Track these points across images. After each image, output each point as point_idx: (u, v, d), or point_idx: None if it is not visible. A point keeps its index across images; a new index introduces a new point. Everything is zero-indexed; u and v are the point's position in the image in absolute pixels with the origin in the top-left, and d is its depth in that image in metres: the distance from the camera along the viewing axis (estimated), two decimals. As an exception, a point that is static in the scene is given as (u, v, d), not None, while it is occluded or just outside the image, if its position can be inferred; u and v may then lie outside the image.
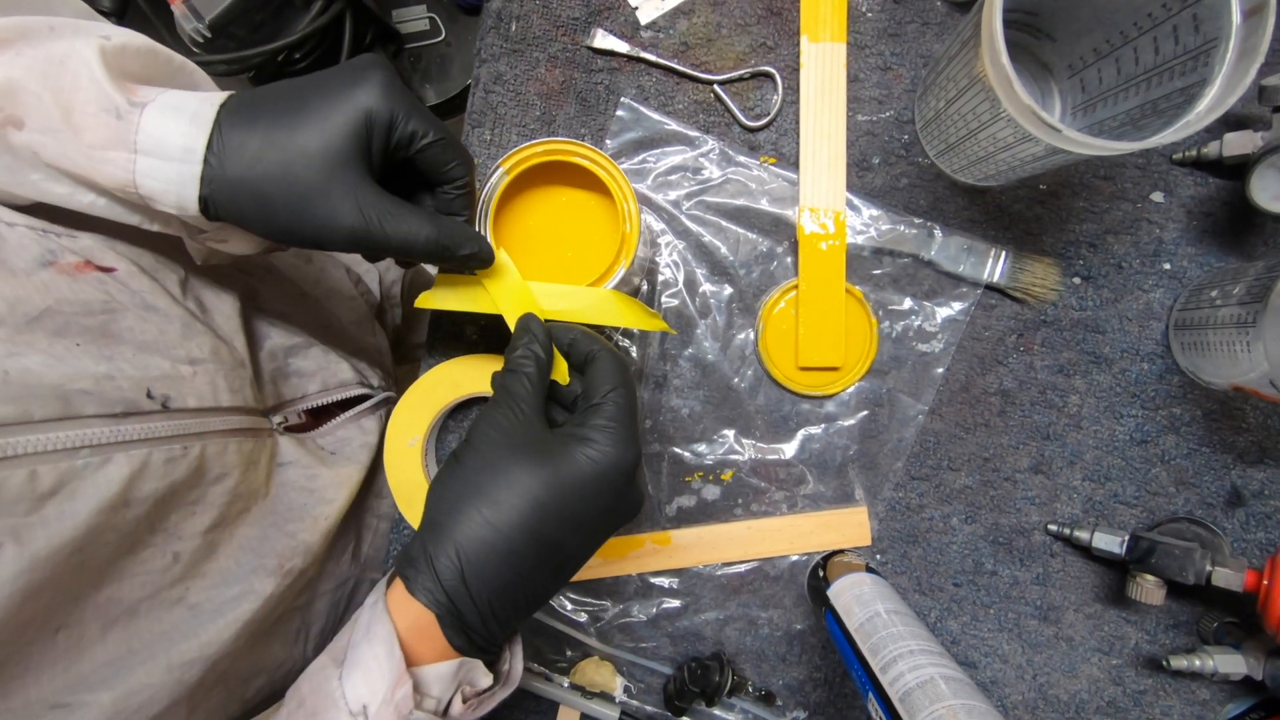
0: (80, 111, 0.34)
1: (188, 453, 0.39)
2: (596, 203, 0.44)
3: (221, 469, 0.42)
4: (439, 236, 0.38)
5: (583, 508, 0.36)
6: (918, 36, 0.52)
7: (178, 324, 0.42)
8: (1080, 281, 0.52)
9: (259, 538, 0.45)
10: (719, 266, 0.53)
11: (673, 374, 0.54)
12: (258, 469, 0.46)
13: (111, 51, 0.36)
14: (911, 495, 0.54)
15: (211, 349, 0.44)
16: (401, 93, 0.37)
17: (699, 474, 0.54)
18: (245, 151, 0.36)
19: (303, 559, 0.47)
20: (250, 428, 0.46)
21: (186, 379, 0.41)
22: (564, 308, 0.42)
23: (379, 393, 0.61)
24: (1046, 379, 0.53)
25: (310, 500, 0.50)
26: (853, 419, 0.54)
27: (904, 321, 0.53)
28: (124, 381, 0.37)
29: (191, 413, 0.41)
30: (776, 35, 0.52)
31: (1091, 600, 0.53)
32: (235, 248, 0.42)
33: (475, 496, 0.35)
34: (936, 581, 0.54)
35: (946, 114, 0.46)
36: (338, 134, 0.36)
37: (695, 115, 0.53)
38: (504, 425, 0.36)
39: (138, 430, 0.37)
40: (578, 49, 0.53)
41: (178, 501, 0.39)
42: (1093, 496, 0.53)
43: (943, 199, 0.53)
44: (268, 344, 0.52)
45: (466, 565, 0.34)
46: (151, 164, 0.35)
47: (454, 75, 1.18)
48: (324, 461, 0.53)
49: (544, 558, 0.35)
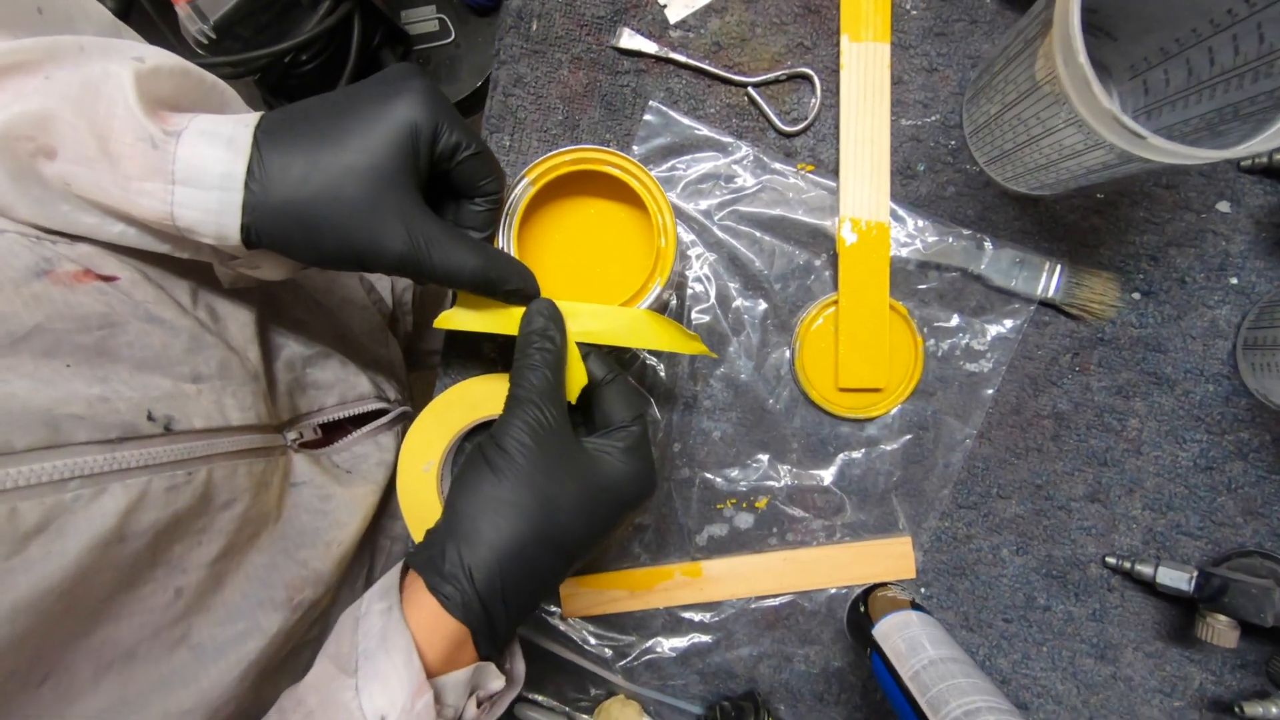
0: (117, 141, 0.33)
1: (193, 478, 0.36)
2: (628, 215, 0.41)
3: (230, 493, 0.39)
4: (486, 269, 0.36)
5: (606, 523, 0.37)
6: (965, 36, 0.49)
7: (184, 337, 0.39)
8: (1140, 297, 0.49)
9: (268, 566, 0.42)
10: (753, 280, 0.50)
11: (703, 394, 0.51)
12: (269, 491, 0.43)
13: (146, 75, 0.34)
14: (958, 525, 0.51)
15: (220, 363, 0.41)
16: (443, 102, 0.36)
17: (731, 501, 0.51)
18: (289, 174, 0.34)
19: (314, 590, 0.44)
20: (262, 447, 0.43)
21: (192, 398, 0.38)
22: (594, 329, 0.38)
23: (395, 407, 0.59)
24: (1104, 401, 0.49)
25: (323, 524, 0.47)
26: (896, 443, 0.50)
27: (951, 340, 0.50)
28: (121, 403, 0.34)
29: (197, 434, 0.38)
30: (815, 34, 0.49)
31: (1152, 638, 0.50)
32: (267, 273, 0.40)
33: (513, 511, 0.34)
34: (985, 617, 0.51)
35: (1003, 118, 0.43)
36: (384, 149, 0.34)
37: (728, 120, 0.50)
38: (538, 431, 0.36)
39: (136, 456, 0.34)
40: (603, 49, 0.50)
41: (182, 532, 0.36)
42: (1153, 527, 0.49)
43: (992, 208, 0.49)
44: (284, 353, 0.49)
45: (505, 579, 0.34)
46: (190, 194, 0.33)
47: (463, 77, 1.16)
48: (339, 481, 0.50)
49: (567, 566, 0.37)
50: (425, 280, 0.37)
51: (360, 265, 0.36)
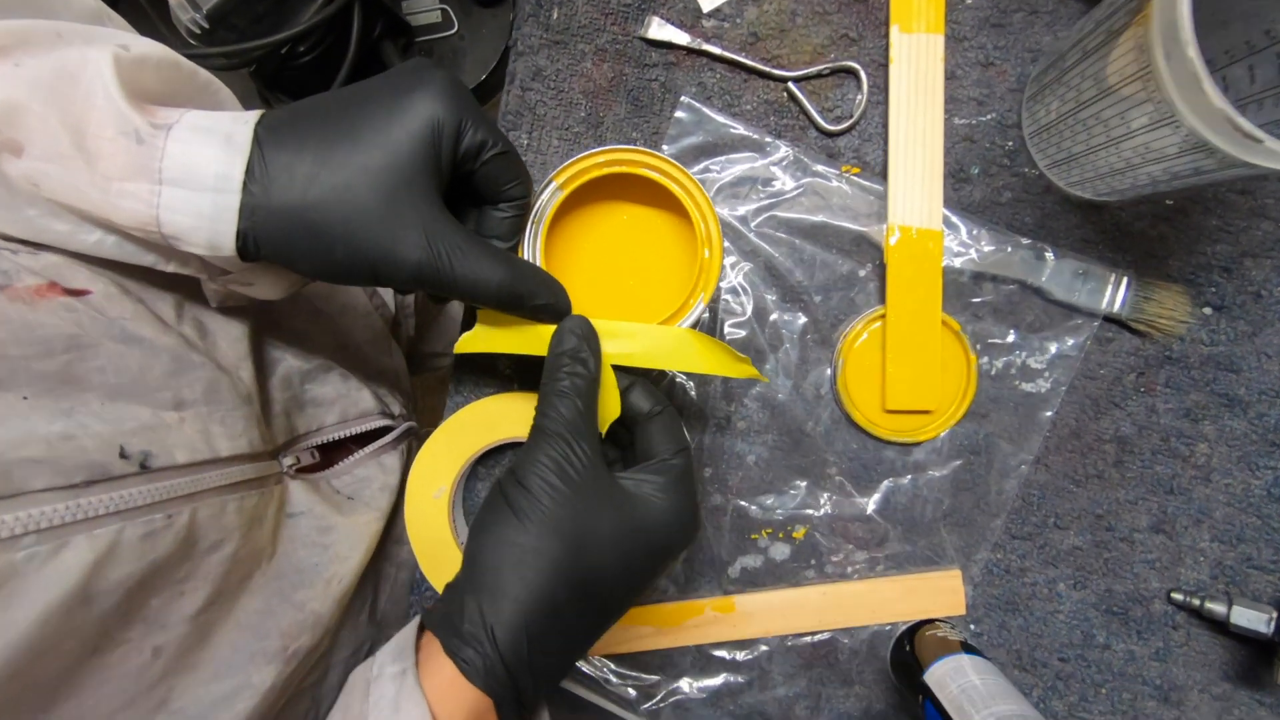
0: (95, 135, 0.29)
1: (173, 522, 0.32)
2: (667, 223, 0.37)
3: (218, 534, 0.35)
4: (513, 283, 0.33)
5: (647, 571, 0.33)
6: (1025, 27, 0.45)
7: (165, 358, 0.35)
8: (1212, 312, 0.45)
9: (261, 612, 0.38)
10: (792, 292, 0.46)
11: (737, 415, 0.47)
12: (263, 526, 0.39)
13: (129, 64, 0.30)
14: (1012, 557, 0.47)
15: (208, 386, 0.36)
16: (467, 97, 0.32)
17: (766, 530, 0.47)
18: (295, 174, 0.30)
19: (311, 635, 0.40)
20: (255, 478, 0.39)
21: (174, 428, 0.34)
22: (631, 350, 0.35)
23: (400, 423, 0.54)
24: (1170, 424, 0.46)
25: (323, 559, 0.43)
26: (945, 469, 0.46)
27: (1006, 358, 0.46)
28: (88, 440, 0.30)
29: (179, 470, 0.33)
30: (861, 25, 0.45)
31: (1219, 679, 0.46)
32: (262, 291, 0.36)
33: (540, 560, 0.30)
34: (1040, 656, 0.47)
35: (1075, 118, 0.39)
36: (402, 147, 0.30)
37: (765, 117, 0.46)
38: (566, 470, 0.32)
39: (106, 502, 0.29)
40: (629, 40, 0.46)
41: (161, 583, 0.32)
42: (1223, 560, 0.46)
43: (1051, 216, 0.45)
44: (281, 369, 0.45)
45: (532, 641, 0.30)
46: (179, 196, 0.29)
47: (467, 70, 1.11)
48: (339, 509, 0.45)
49: (603, 622, 0.33)
50: (445, 294, 0.33)
51: (373, 278, 0.32)
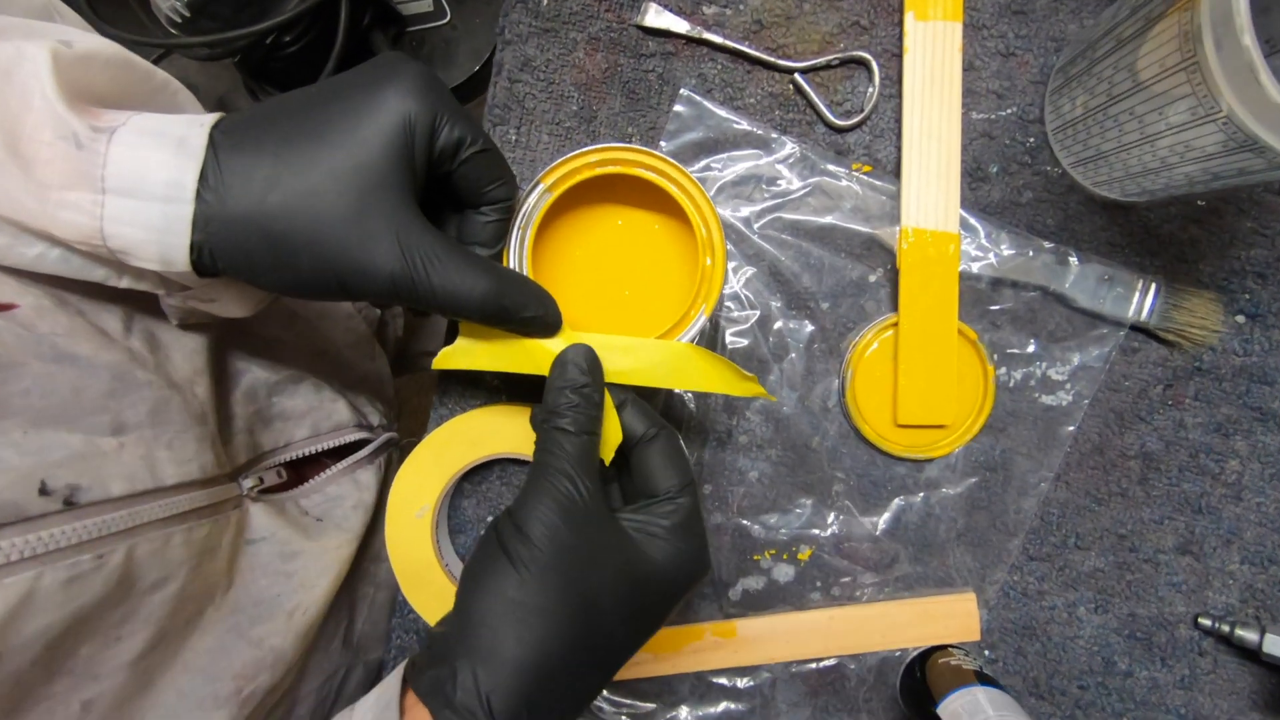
0: (30, 139, 0.26)
1: (105, 562, 0.29)
2: (665, 227, 0.34)
3: (161, 571, 0.32)
4: (498, 294, 0.30)
5: (654, 621, 0.31)
6: (1048, 15, 0.42)
7: (104, 376, 0.32)
8: (1245, 320, 0.43)
9: (213, 651, 0.35)
10: (798, 298, 0.43)
11: (739, 429, 0.44)
12: (216, 557, 0.36)
13: (71, 61, 0.27)
14: (1029, 579, 0.44)
15: (155, 406, 0.33)
16: (442, 90, 0.29)
17: (770, 551, 0.44)
18: (254, 179, 0.27)
19: (270, 674, 0.37)
20: (208, 505, 0.36)
21: (110, 455, 0.31)
22: (627, 367, 0.32)
23: (379, 434, 0.51)
24: (1200, 439, 0.43)
25: (285, 589, 0.40)
26: (959, 486, 0.44)
27: (1025, 369, 0.43)
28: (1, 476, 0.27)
29: (114, 504, 0.30)
30: (873, 12, 0.42)
31: (1248, 709, 0.44)
32: (226, 308, 0.33)
33: (543, 619, 0.28)
34: (1058, 683, 0.44)
35: (1106, 113, 0.36)
36: (372, 146, 0.28)
37: (770, 111, 0.43)
38: (567, 514, 0.29)
39: (19, 546, 0.26)
40: (625, 28, 0.43)
41: (90, 630, 0.29)
42: (1253, 583, 0.43)
43: (1075, 217, 0.43)
44: (246, 381, 0.42)
45: (532, 709, 0.27)
46: (125, 206, 0.27)
47: (460, 61, 1.08)
48: (306, 533, 0.42)
49: (605, 679, 0.31)
50: (423, 307, 0.30)
51: (342, 291, 0.29)
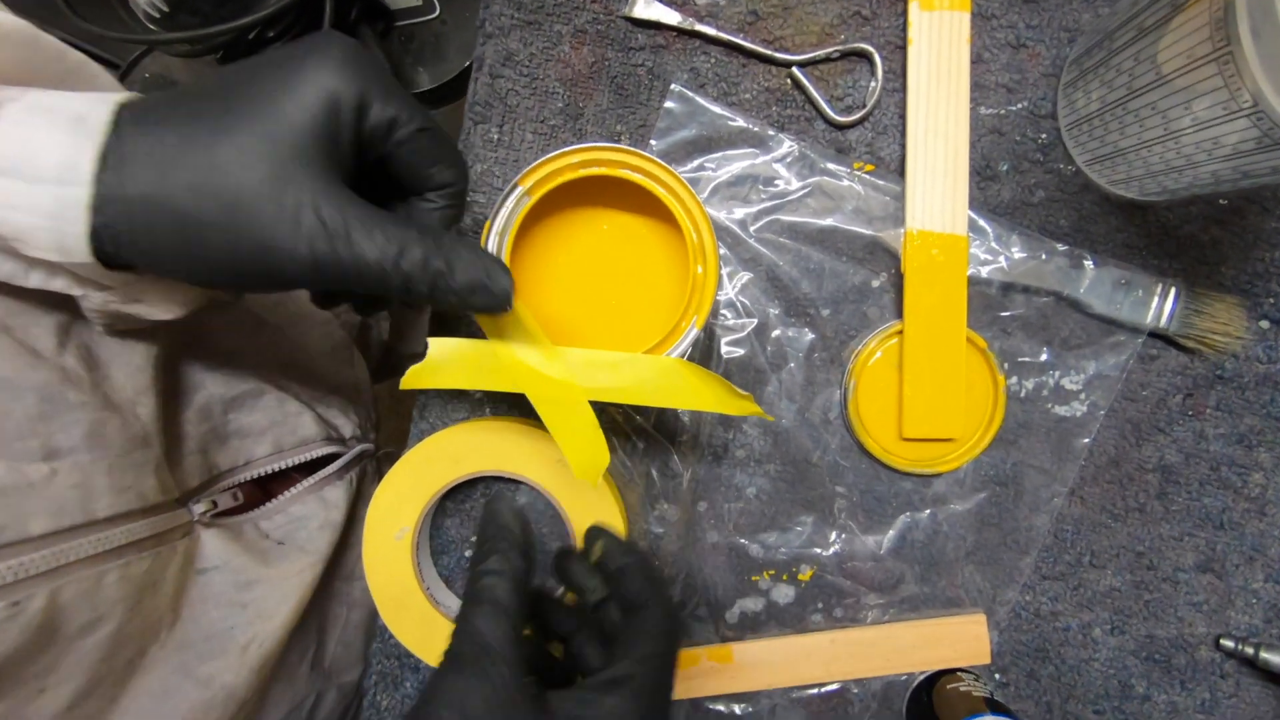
0: None
1: (22, 609, 0.27)
2: (653, 233, 0.32)
3: (92, 613, 0.30)
4: (428, 255, 0.26)
5: None
6: (1061, 4, 0.39)
7: (30, 398, 0.29)
8: (1269, 326, 0.40)
9: (156, 695, 0.32)
10: (797, 305, 0.41)
11: (736, 443, 0.42)
12: (159, 592, 0.33)
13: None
14: (1042, 599, 0.42)
15: (90, 429, 0.31)
16: (373, 66, 0.26)
17: (769, 571, 0.42)
18: (156, 157, 0.24)
19: (221, 713, 0.35)
20: (149, 536, 0.33)
21: (36, 487, 0.28)
22: (611, 384, 0.29)
23: (352, 446, 0.49)
24: (1221, 451, 0.41)
25: (239, 620, 0.37)
26: (968, 502, 0.42)
27: (1037, 378, 0.41)
28: None
29: (34, 544, 0.28)
30: (875, 2, 0.40)
31: (1272, 734, 0.42)
32: (154, 309, 0.30)
33: None
34: (1072, 708, 0.42)
35: (1125, 107, 0.34)
36: (291, 120, 0.25)
37: (767, 108, 0.40)
38: (470, 709, 0.24)
39: None
40: (612, 20, 0.40)
41: (7, 684, 0.27)
42: (1278, 603, 0.41)
43: (1089, 218, 0.40)
44: (199, 398, 0.39)
45: None
46: (12, 189, 0.24)
47: (450, 56, 1.05)
48: (265, 559, 0.40)
49: None
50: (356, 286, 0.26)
51: (265, 276, 0.26)
